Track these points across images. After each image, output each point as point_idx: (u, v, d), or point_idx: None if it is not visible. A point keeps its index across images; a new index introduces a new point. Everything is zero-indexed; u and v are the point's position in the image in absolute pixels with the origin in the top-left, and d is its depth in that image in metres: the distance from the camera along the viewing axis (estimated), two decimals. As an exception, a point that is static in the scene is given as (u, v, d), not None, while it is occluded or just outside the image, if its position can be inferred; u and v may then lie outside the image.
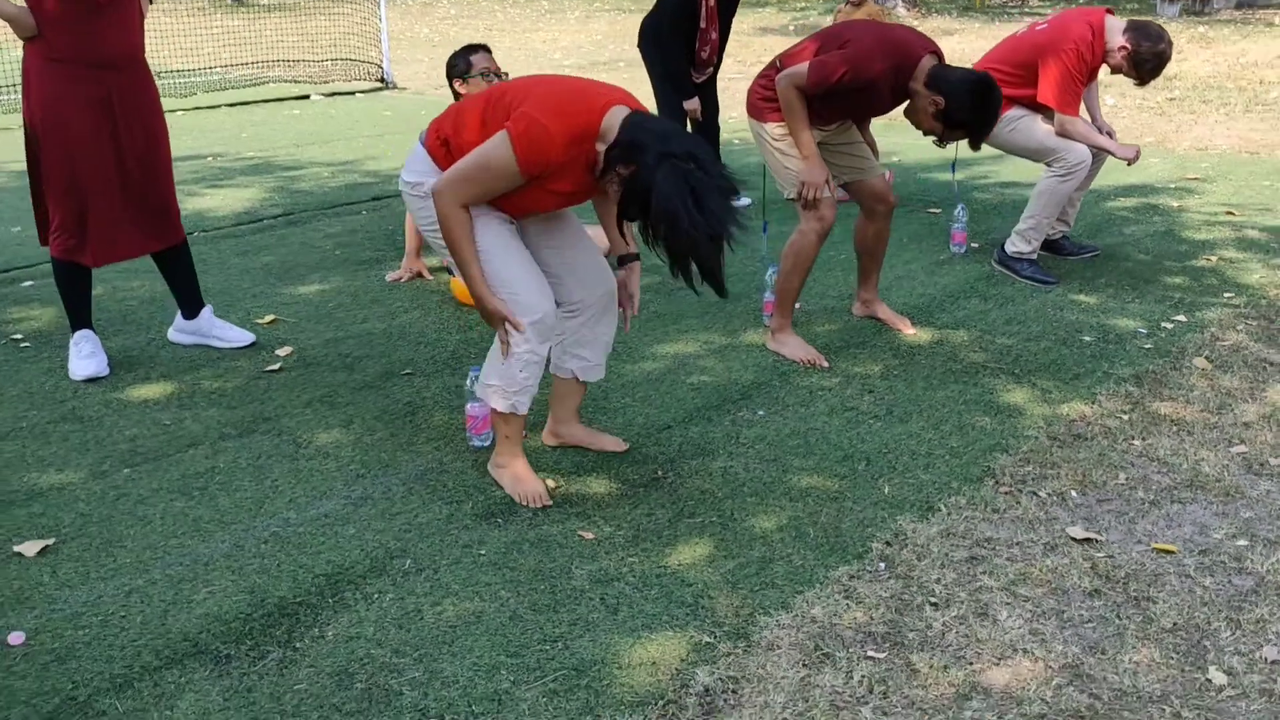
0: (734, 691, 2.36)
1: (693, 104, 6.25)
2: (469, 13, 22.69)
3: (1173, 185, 7.11)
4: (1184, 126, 9.21)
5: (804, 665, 2.44)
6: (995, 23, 20.01)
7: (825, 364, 4.10)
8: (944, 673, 2.41)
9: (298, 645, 2.51)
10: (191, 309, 4.26)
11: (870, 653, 2.48)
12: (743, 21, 20.57)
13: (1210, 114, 9.84)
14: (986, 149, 5.81)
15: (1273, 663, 2.44)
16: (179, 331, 4.32)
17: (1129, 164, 5.04)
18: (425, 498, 3.16)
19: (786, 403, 3.82)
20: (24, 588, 2.72)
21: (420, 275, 5.20)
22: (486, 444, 3.46)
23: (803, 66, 3.94)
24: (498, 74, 5.07)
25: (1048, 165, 5.02)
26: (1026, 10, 22.46)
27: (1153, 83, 5.47)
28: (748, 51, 15.84)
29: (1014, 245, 5.17)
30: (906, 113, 4.05)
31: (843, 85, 3.90)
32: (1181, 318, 4.63)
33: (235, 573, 2.79)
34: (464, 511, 3.09)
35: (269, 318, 4.65)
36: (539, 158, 2.79)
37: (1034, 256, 5.16)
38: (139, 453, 3.44)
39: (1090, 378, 4.01)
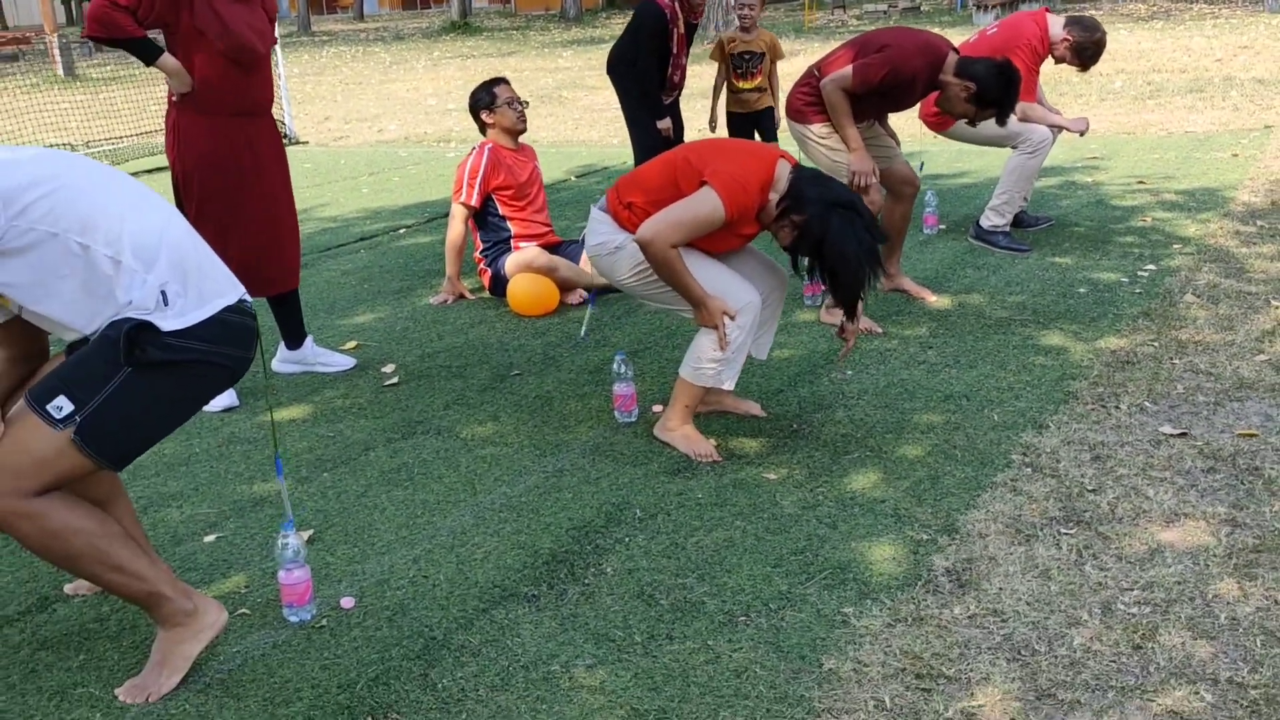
0: (972, 569, 2.86)
1: (665, 123, 6.79)
2: (312, 69, 22.78)
3: (1079, 165, 7.95)
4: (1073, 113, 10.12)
5: (1017, 544, 2.95)
6: (830, 40, 21.15)
7: (879, 329, 4.64)
8: (1130, 538, 2.95)
9: (587, 581, 2.91)
10: (296, 340, 4.56)
11: (1063, 530, 3.01)
12: (593, 56, 21.24)
13: (1071, 104, 10.82)
14: (951, 144, 6.47)
15: (1374, 496, 3.06)
16: (284, 361, 4.61)
17: (1080, 135, 5.77)
18: (613, 464, 3.58)
19: (865, 364, 4.35)
20: (313, 568, 3.03)
21: (463, 296, 5.56)
22: (634, 420, 3.89)
23: (847, 70, 4.51)
24: (521, 101, 5.50)
25: (1015, 147, 5.70)
26: (850, 29, 23.74)
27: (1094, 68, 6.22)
28: (607, 82, 16.43)
29: (989, 220, 5.83)
30: (938, 102, 4.66)
31: (884, 83, 4.49)
32: (1151, 266, 5.35)
33: (494, 535, 3.16)
34: (654, 470, 3.52)
35: (352, 344, 4.96)
36: (742, 203, 3.34)
37: (1007, 229, 5.83)
38: (325, 460, 3.75)
39: (1105, 319, 4.66)
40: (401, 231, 7.30)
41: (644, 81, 6.63)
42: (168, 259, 2.42)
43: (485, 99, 5.52)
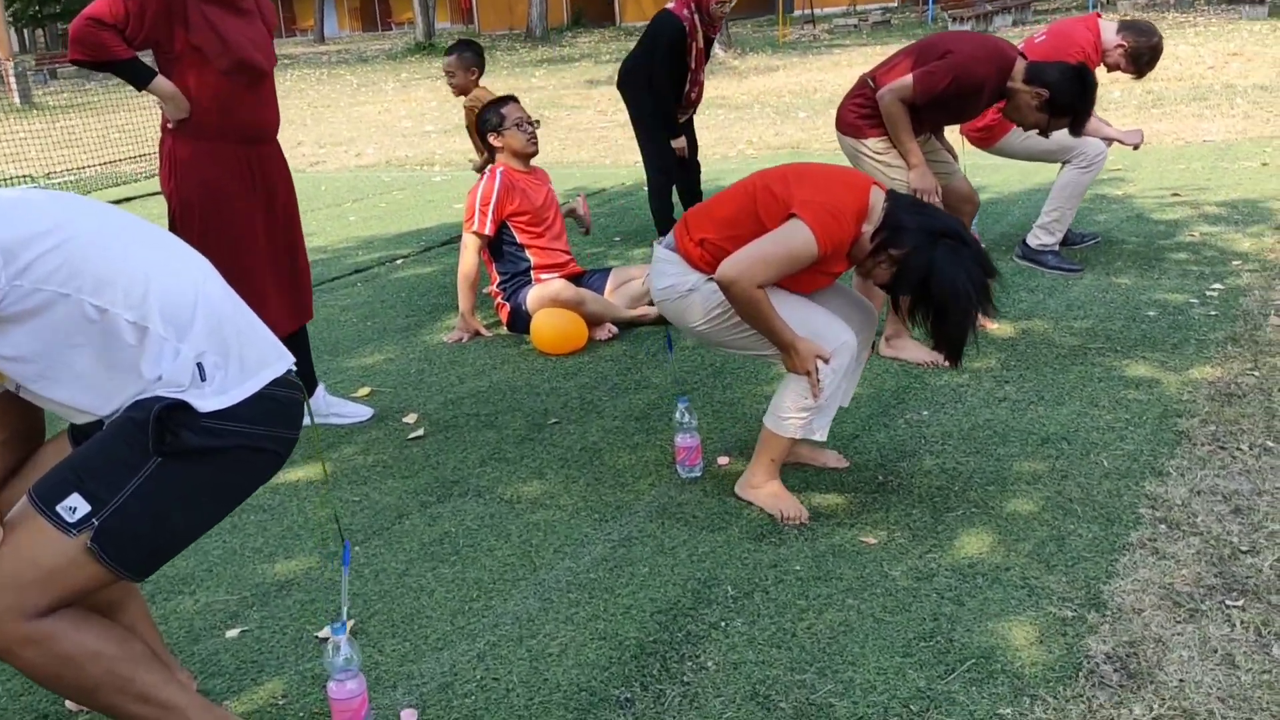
0: (1138, 654, 2.45)
1: (680, 142, 6.39)
2: (279, 93, 22.26)
3: (1104, 178, 7.61)
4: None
5: (1183, 621, 2.55)
6: (807, 55, 20.90)
7: (945, 362, 4.24)
8: (1308, 607, 2.56)
9: (687, 679, 2.48)
10: (307, 389, 4.11)
11: (1229, 603, 2.61)
12: (565, 75, 20.90)
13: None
14: (993, 159, 6.10)
15: None
16: (293, 412, 4.15)
17: (1135, 148, 5.41)
18: (687, 529, 3.15)
19: (939, 402, 3.95)
20: (362, 667, 2.58)
21: (479, 334, 5.13)
22: (698, 475, 3.47)
23: (907, 80, 4.12)
24: (531, 122, 5.09)
25: (1068, 162, 5.33)
26: (823, 43, 23.50)
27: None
28: (588, 101, 16.08)
29: (1038, 239, 5.46)
30: (1007, 112, 4.27)
31: (948, 93, 4.10)
32: (1218, 285, 4.99)
33: (566, 622, 2.72)
34: (735, 536, 3.09)
35: (365, 390, 4.51)
36: (837, 237, 2.93)
37: (1057, 248, 5.46)
38: (355, 531, 3.30)
39: (1189, 345, 4.29)
40: (399, 262, 6.85)
41: (659, 97, 6.23)
42: (204, 324, 1.98)
43: (493, 120, 5.09)
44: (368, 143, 13.26)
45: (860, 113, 4.33)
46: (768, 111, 12.94)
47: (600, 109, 14.92)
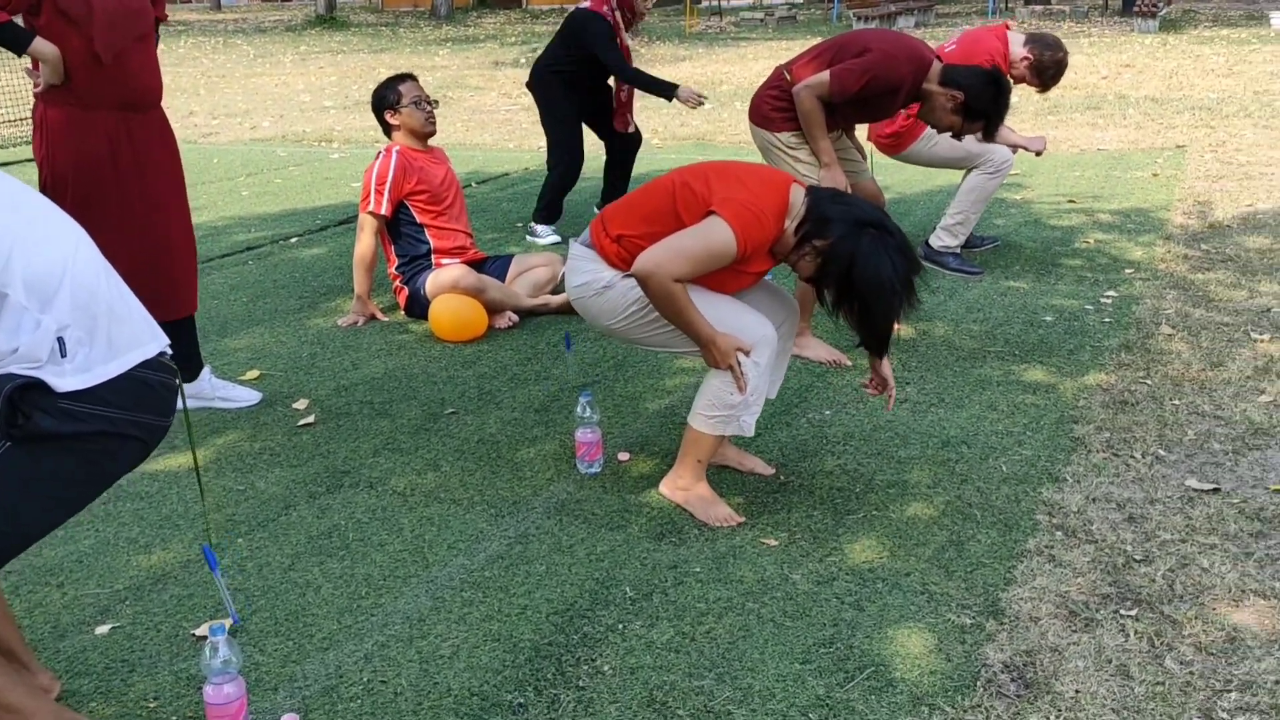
0: (1035, 664, 2.44)
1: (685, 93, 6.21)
2: (170, 60, 21.57)
3: (1004, 183, 7.69)
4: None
5: (1079, 630, 2.55)
6: (714, 46, 20.94)
7: (847, 361, 4.24)
8: (1201, 621, 2.58)
9: (583, 684, 2.41)
10: (191, 372, 3.94)
11: (1124, 612, 2.62)
12: (470, 55, 20.64)
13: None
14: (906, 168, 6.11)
15: None
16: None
17: (1038, 155, 5.48)
18: (586, 527, 3.08)
19: (841, 402, 3.94)
20: (242, 668, 2.46)
21: (374, 317, 4.99)
22: (598, 471, 3.40)
23: (824, 76, 4.09)
24: (429, 100, 4.96)
25: (975, 168, 5.37)
26: (730, 35, 23.58)
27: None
28: (492, 83, 15.88)
29: (940, 240, 5.49)
30: (921, 113, 4.27)
31: (864, 91, 4.08)
32: (1112, 293, 5.07)
33: (459, 623, 2.63)
34: (635, 535, 3.03)
35: (253, 373, 4.35)
36: (757, 236, 2.88)
37: (958, 250, 5.50)
38: (239, 522, 3.16)
39: (1084, 352, 4.34)
40: (293, 241, 6.64)
41: (575, 98, 6.17)
42: (71, 296, 1.85)
43: (390, 97, 4.95)
44: (263, 116, 12.90)
45: (774, 105, 4.29)
46: (674, 102, 12.88)
47: (504, 91, 14.73)
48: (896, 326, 2.95)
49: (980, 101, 4.11)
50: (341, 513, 3.20)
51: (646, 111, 12.00)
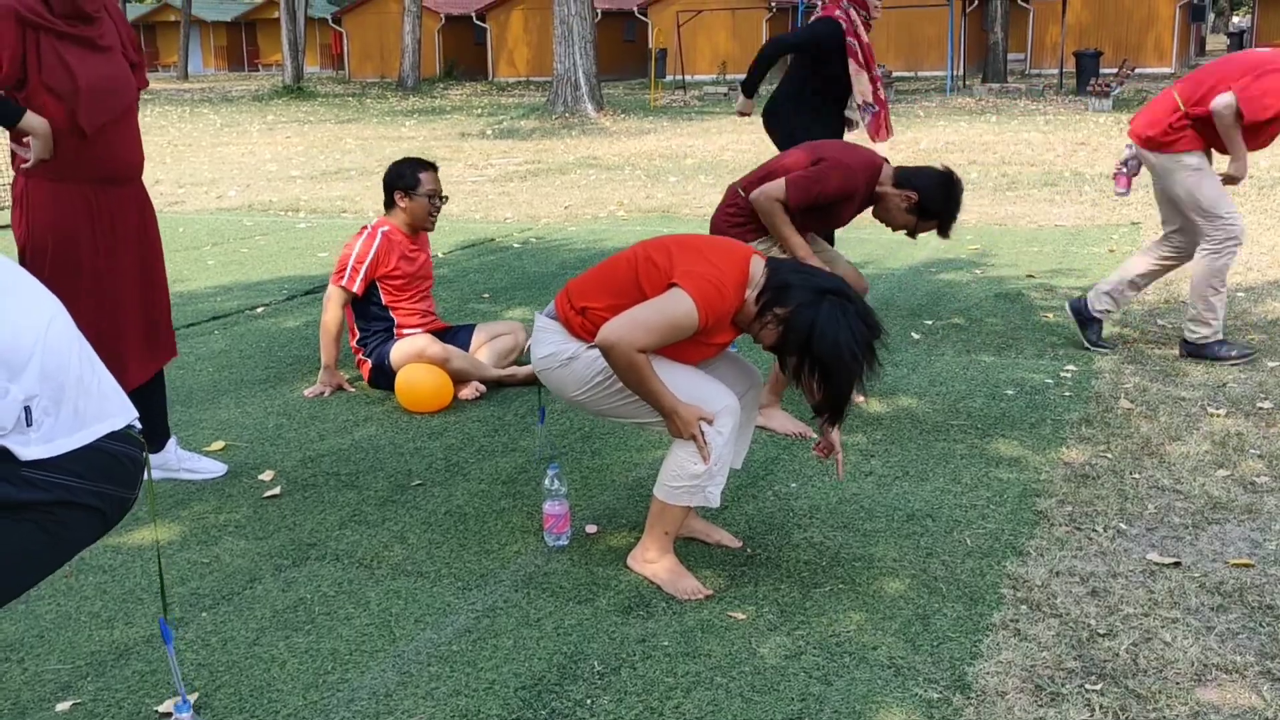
0: (1002, 737, 2.45)
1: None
2: (141, 128, 21.62)
3: (964, 257, 7.84)
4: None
5: (1045, 705, 2.57)
6: (678, 120, 21.22)
7: (813, 434, 4.28)
8: (1166, 697, 2.60)
9: (551, 761, 2.40)
10: (158, 441, 3.92)
11: (1089, 687, 2.64)
12: (436, 127, 20.80)
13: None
14: (862, 234, 6.19)
15: None
16: (140, 466, 3.95)
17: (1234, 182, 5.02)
18: (553, 600, 3.07)
19: (807, 475, 3.96)
20: (205, 749, 2.44)
21: (341, 388, 4.98)
22: (565, 543, 3.41)
23: (780, 183, 4.17)
24: (441, 197, 4.97)
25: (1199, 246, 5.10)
26: (693, 109, 23.90)
27: None
28: (459, 154, 16.01)
29: (1194, 332, 5.14)
30: (876, 213, 4.35)
31: (821, 199, 4.15)
32: (1072, 367, 5.15)
33: (426, 698, 2.61)
34: (603, 608, 3.03)
35: (219, 444, 4.33)
36: (719, 308, 2.92)
37: (1217, 337, 5.13)
38: (203, 595, 3.14)
39: (1046, 425, 4.40)
40: (259, 310, 6.64)
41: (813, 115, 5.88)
42: (40, 367, 1.86)
43: (408, 179, 4.92)
44: (230, 185, 12.93)
45: (733, 221, 4.34)
46: (639, 174, 13.04)
47: (471, 163, 14.84)
48: (857, 396, 2.98)
49: (934, 202, 4.21)
50: (307, 586, 3.18)
51: (611, 184, 12.14)
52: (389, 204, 4.97)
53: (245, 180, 13.39)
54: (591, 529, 3.52)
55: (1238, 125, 4.80)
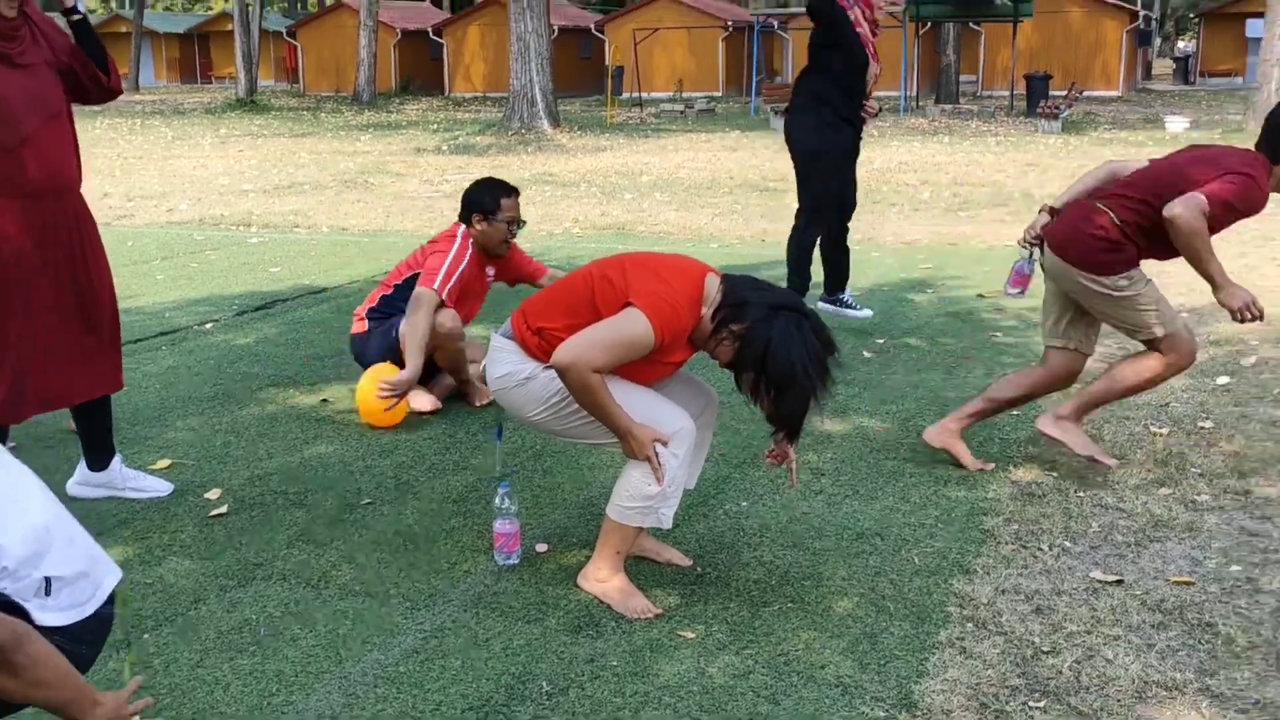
0: (947, 755, 2.47)
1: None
2: (85, 141, 21.37)
3: (916, 277, 7.90)
4: (875, 224, 10.16)
5: (989, 722, 2.59)
6: (634, 137, 21.27)
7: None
8: (1106, 713, 2.63)
9: (498, 783, 2.39)
10: (102, 459, 3.87)
11: (1032, 704, 2.67)
12: (392, 141, 20.73)
13: (885, 212, 10.94)
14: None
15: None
16: (84, 485, 3.90)
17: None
18: (502, 620, 3.07)
19: (758, 494, 3.98)
20: (147, 773, 2.41)
21: (412, 405, 4.75)
22: (515, 563, 3.40)
23: (1199, 196, 3.66)
24: (520, 222, 4.87)
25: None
26: (649, 126, 23.98)
27: None
28: (414, 169, 15.97)
29: None
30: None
31: (1232, 218, 3.76)
32: (1020, 387, 5.19)
33: (373, 721, 2.60)
34: (552, 628, 3.03)
35: (164, 463, 4.28)
36: (674, 325, 2.94)
37: None
38: (146, 617, 3.10)
39: (993, 444, 4.44)
40: (208, 327, 6.58)
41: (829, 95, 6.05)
42: (59, 552, 1.94)
43: (488, 205, 4.76)
44: (181, 198, 12.81)
45: (1103, 242, 3.88)
46: (594, 191, 13.06)
47: (426, 178, 14.80)
48: (814, 412, 3.00)
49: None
50: (253, 606, 3.15)
51: (566, 201, 12.15)
52: (466, 222, 4.83)
53: (196, 194, 13.27)
54: (542, 548, 3.52)
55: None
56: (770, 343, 2.87)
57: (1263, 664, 2.83)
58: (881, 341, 6.06)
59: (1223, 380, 5.19)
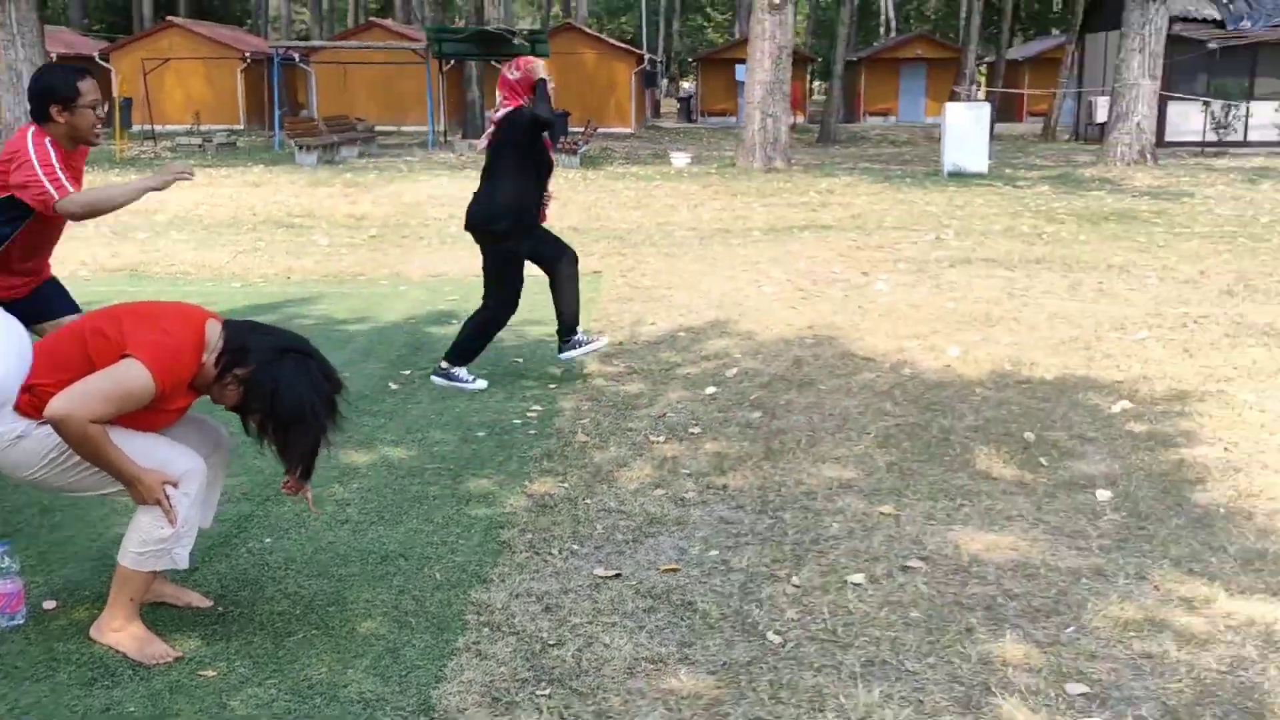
0: (462, 749, 2.68)
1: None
2: None
3: (443, 308, 8.17)
4: (403, 258, 10.36)
5: (501, 714, 2.83)
6: (146, 171, 20.17)
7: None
8: (601, 690, 2.95)
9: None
10: None
11: (539, 692, 2.94)
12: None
13: (415, 247, 11.17)
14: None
15: (800, 617, 3.34)
16: None
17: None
18: (8, 682, 2.94)
19: (283, 529, 4.03)
20: None
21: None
22: (21, 623, 3.26)
23: None
24: (102, 104, 4.37)
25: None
26: (162, 160, 22.93)
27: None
28: None
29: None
30: None
31: None
32: (538, 407, 5.58)
33: None
34: (63, 682, 2.94)
35: None
36: (176, 373, 2.94)
37: None
38: None
39: (512, 462, 4.75)
40: None
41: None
42: None
43: (65, 91, 4.18)
44: None
45: None
46: (103, 230, 12.31)
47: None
48: (323, 448, 3.11)
49: None
50: None
51: (72, 242, 11.38)
52: (46, 120, 4.23)
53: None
54: (50, 604, 3.38)
55: None
56: (278, 384, 2.97)
57: (731, 631, 3.27)
58: (408, 372, 6.25)
59: (710, 390, 5.82)
